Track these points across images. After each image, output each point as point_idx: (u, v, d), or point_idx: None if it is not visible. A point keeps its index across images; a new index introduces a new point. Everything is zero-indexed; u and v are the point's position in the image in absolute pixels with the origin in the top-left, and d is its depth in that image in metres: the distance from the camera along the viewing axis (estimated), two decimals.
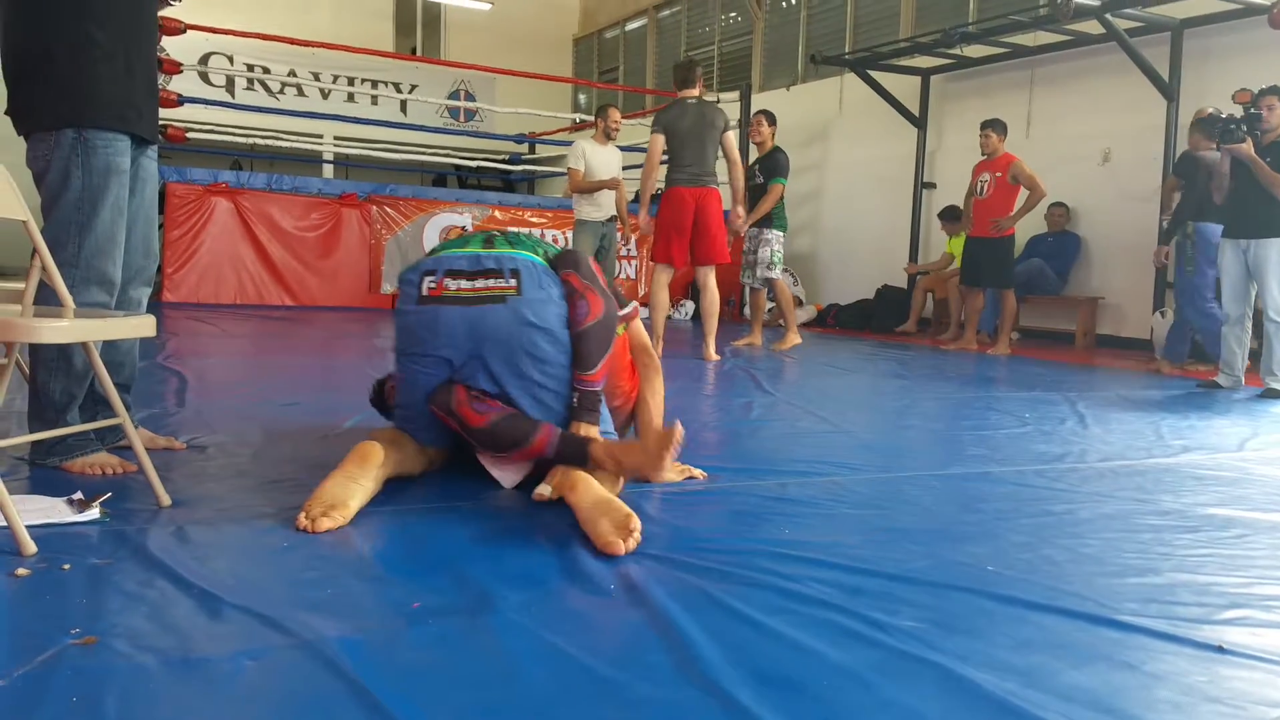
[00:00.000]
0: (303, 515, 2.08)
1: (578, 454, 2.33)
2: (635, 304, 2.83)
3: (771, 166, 7.04)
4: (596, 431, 2.45)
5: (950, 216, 8.89)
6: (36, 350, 2.41)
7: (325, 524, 2.06)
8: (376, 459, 2.29)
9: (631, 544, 1.97)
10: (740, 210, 6.56)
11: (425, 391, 2.44)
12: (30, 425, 2.46)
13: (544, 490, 2.33)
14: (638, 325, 2.81)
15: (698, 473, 2.72)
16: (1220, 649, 1.60)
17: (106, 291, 2.47)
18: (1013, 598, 1.81)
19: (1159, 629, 1.68)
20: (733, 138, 6.28)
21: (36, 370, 2.44)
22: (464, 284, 2.39)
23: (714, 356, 6.09)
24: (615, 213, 7.23)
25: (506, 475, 2.47)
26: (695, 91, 6.22)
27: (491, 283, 2.38)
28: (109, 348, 2.59)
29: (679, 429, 2.25)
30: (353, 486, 2.19)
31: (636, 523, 2.01)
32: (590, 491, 2.15)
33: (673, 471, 2.62)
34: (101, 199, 2.43)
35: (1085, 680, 1.46)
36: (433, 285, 2.40)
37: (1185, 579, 1.99)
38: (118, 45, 2.48)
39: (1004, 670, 1.48)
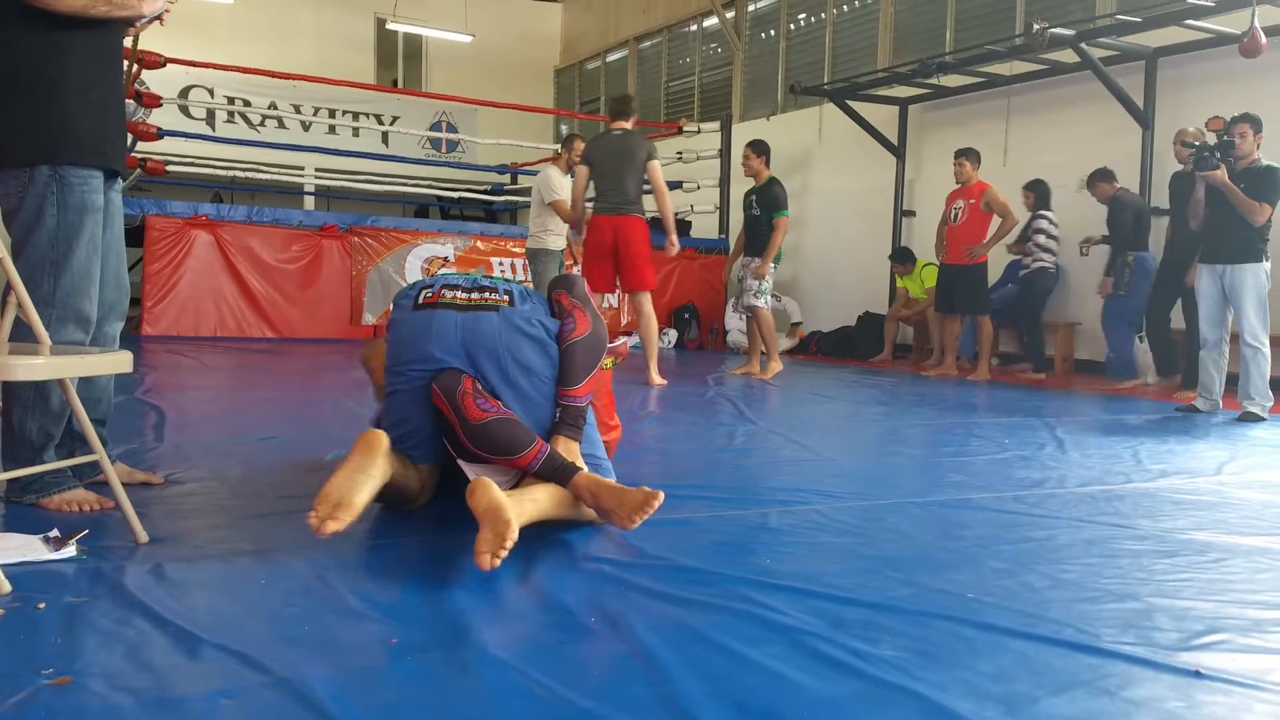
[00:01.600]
0: (312, 515, 2.06)
1: (561, 477, 2.34)
2: (625, 340, 2.86)
3: (770, 200, 6.97)
4: (577, 448, 2.48)
5: (900, 259, 9.02)
6: (12, 388, 2.38)
7: (331, 526, 2.03)
8: (382, 445, 2.28)
9: (496, 561, 1.91)
10: (674, 238, 6.53)
11: (413, 403, 2.45)
12: (5, 464, 2.43)
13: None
14: None
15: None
16: (1198, 673, 1.61)
17: (83, 329, 2.44)
18: (993, 625, 1.81)
19: (1137, 654, 1.69)
20: (657, 166, 6.36)
21: (12, 408, 2.40)
22: (459, 294, 2.51)
23: (658, 381, 6.17)
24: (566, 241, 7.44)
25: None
26: (626, 124, 6.37)
27: (486, 295, 2.51)
28: (85, 384, 2.57)
29: (660, 497, 2.24)
30: (360, 478, 2.18)
31: (510, 540, 1.95)
32: (487, 495, 2.07)
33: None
34: (77, 237, 2.40)
35: (1064, 707, 1.46)
36: (429, 295, 2.52)
37: (1163, 604, 2.00)
38: (91, 78, 2.43)
39: (984, 698, 1.48)
